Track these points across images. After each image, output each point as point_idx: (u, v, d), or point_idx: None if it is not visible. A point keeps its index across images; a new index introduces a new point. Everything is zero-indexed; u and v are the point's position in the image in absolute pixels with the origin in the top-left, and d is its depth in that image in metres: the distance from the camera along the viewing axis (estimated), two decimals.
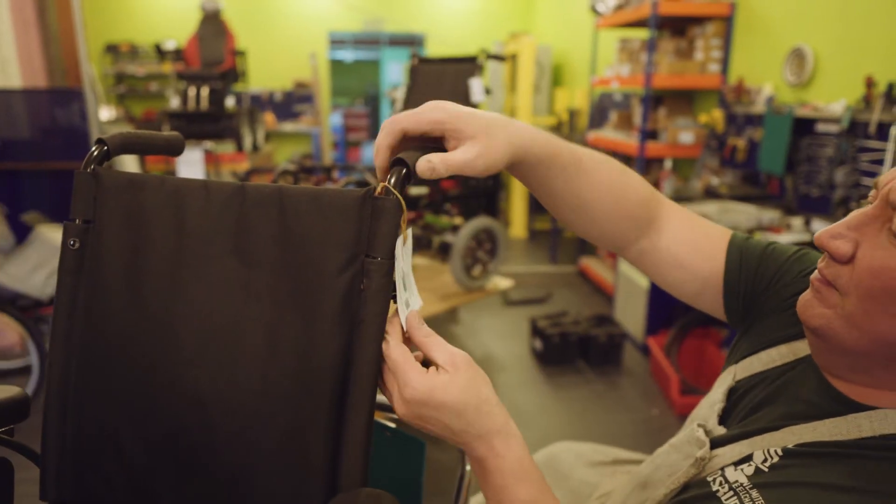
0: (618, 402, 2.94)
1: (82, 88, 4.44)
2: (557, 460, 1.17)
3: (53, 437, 0.75)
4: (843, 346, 0.60)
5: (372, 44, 9.47)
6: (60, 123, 4.47)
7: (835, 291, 0.60)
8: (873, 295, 0.56)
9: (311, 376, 0.64)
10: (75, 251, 0.75)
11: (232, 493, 0.68)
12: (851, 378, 0.63)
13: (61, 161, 4.45)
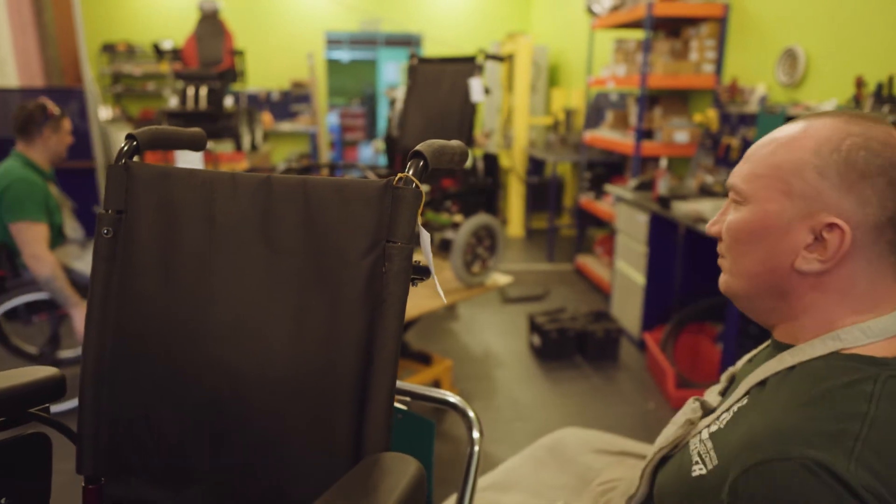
0: (615, 396, 2.99)
1: (83, 88, 4.47)
2: (563, 444, 1.22)
3: (89, 415, 0.80)
4: (738, 295, 0.78)
5: (368, 44, 9.52)
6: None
7: (723, 259, 0.80)
8: (731, 246, 0.77)
9: (336, 353, 0.69)
10: (108, 240, 0.80)
11: (263, 462, 0.73)
12: (774, 322, 0.78)
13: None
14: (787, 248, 0.71)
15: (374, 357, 0.67)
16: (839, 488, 0.56)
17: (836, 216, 0.68)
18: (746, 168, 0.75)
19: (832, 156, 0.68)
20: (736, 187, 0.76)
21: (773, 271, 0.72)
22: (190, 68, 5.61)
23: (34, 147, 2.60)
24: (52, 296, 2.49)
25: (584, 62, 5.74)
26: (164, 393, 0.77)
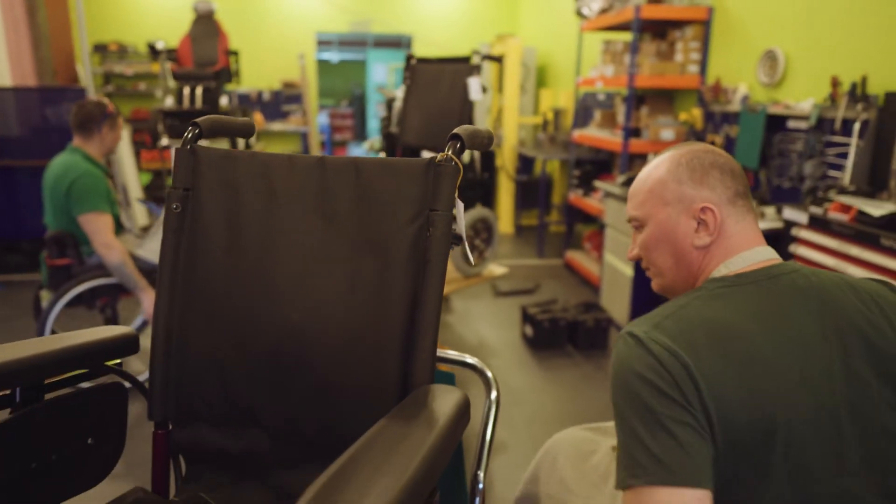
0: (605, 382, 3.12)
1: (84, 88, 4.53)
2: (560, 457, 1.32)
3: (160, 368, 0.91)
4: (667, 286, 1.03)
5: (358, 45, 9.60)
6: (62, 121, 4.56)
7: (649, 270, 1.05)
8: (649, 256, 1.02)
9: (386, 307, 0.81)
10: (178, 213, 0.91)
11: (319, 404, 0.84)
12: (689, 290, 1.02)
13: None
14: (683, 236, 0.97)
15: (421, 308, 0.79)
16: (632, 342, 0.83)
17: (702, 202, 0.95)
18: (633, 203, 1.03)
19: (679, 168, 0.97)
20: (634, 216, 1.03)
21: (681, 256, 0.98)
22: (186, 68, 5.67)
23: (91, 143, 2.72)
24: (122, 281, 2.62)
25: (573, 63, 5.89)
26: (230, 347, 0.88)
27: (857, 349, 0.84)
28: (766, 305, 0.86)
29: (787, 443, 0.78)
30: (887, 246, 2.02)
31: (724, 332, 0.82)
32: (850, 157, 2.67)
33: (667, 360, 0.79)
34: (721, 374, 0.79)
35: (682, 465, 0.75)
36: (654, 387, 0.78)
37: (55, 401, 0.81)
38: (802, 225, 2.44)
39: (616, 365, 0.84)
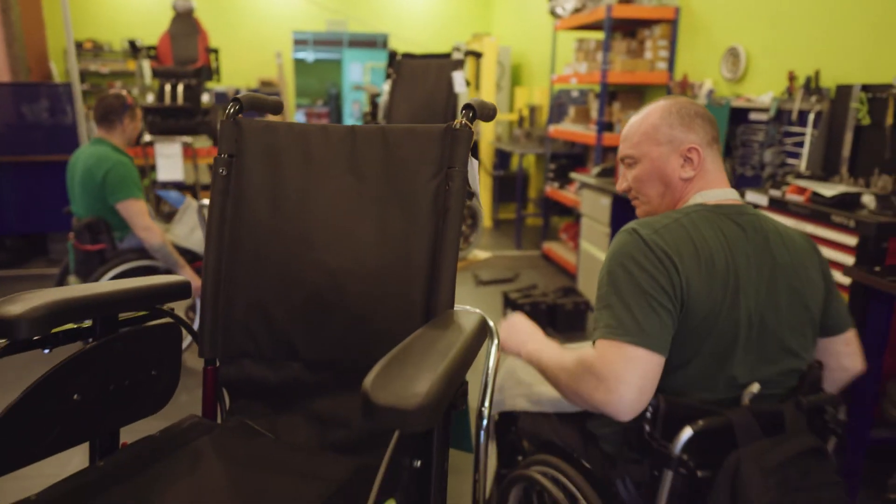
0: None
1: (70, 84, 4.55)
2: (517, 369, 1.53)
3: (209, 312, 1.04)
4: (651, 210, 1.26)
5: (334, 44, 9.69)
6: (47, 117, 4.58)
7: (637, 199, 1.28)
8: (641, 188, 1.25)
9: (412, 250, 0.96)
10: (224, 177, 1.04)
11: (353, 336, 0.98)
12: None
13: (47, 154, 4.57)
14: (672, 171, 1.21)
15: (441, 249, 0.94)
16: (637, 237, 1.08)
17: (689, 144, 1.19)
18: (628, 144, 1.26)
19: (670, 116, 1.20)
20: (629, 155, 1.26)
21: (668, 186, 1.22)
22: (166, 65, 5.72)
23: (114, 133, 2.85)
24: (164, 261, 2.76)
25: (547, 61, 6.09)
26: (274, 290, 1.01)
27: (779, 280, 1.12)
28: (733, 234, 1.11)
29: (718, 334, 1.06)
30: (837, 222, 2.23)
31: (702, 247, 1.08)
32: (806, 145, 2.89)
33: (662, 258, 1.05)
34: (696, 278, 1.05)
35: (657, 336, 1.02)
36: (649, 274, 1.05)
37: (126, 334, 0.94)
38: (763, 207, 2.64)
39: (619, 249, 1.09)
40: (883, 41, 2.61)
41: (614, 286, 1.07)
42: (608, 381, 1.00)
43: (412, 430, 0.60)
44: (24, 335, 0.77)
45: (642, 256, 1.06)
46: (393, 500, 0.67)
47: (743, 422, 1.02)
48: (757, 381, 1.09)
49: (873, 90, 2.57)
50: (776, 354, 1.12)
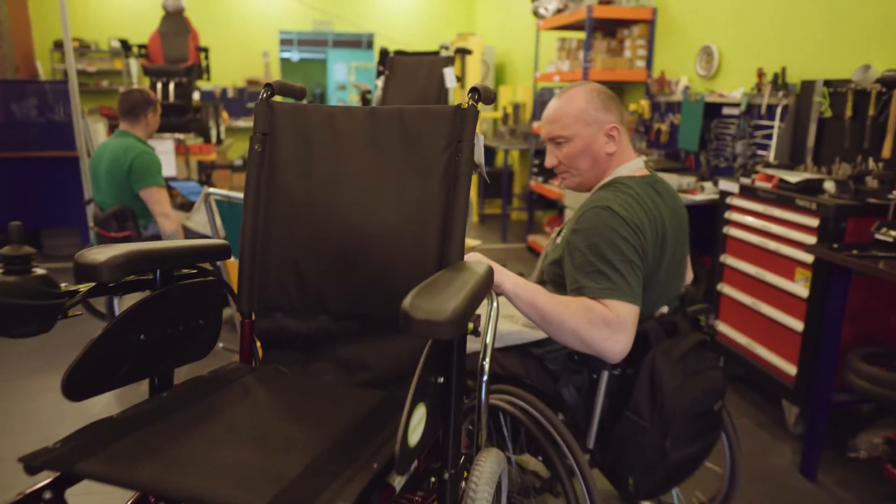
0: None
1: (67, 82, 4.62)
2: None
3: (247, 271, 1.19)
4: (582, 184, 1.51)
5: (318, 44, 9.79)
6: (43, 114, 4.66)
7: (567, 173, 1.51)
8: (572, 164, 1.48)
9: (427, 211, 1.11)
10: (259, 152, 1.19)
11: (376, 289, 1.14)
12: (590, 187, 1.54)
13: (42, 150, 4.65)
14: (599, 147, 1.45)
15: (452, 210, 1.09)
16: (613, 212, 1.31)
17: (610, 124, 1.44)
18: (558, 125, 1.45)
19: (593, 99, 1.43)
20: (561, 135, 1.46)
21: (596, 161, 1.47)
22: (157, 64, 5.80)
23: (138, 126, 3.04)
24: None
25: (531, 60, 6.27)
26: (306, 250, 1.16)
27: (682, 228, 1.49)
28: (657, 199, 1.42)
29: (650, 276, 1.37)
30: (801, 206, 2.42)
31: (650, 214, 1.37)
32: (774, 137, 3.09)
33: (636, 229, 1.32)
34: (650, 239, 1.34)
35: (636, 291, 1.29)
36: (630, 244, 1.30)
37: (180, 286, 1.08)
38: (734, 194, 2.84)
39: (597, 222, 1.33)
40: (841, 40, 2.82)
41: (603, 255, 1.29)
42: (618, 333, 1.25)
43: (442, 338, 0.74)
44: (105, 279, 0.91)
45: (621, 227, 1.31)
46: (423, 404, 0.82)
47: (654, 330, 1.36)
48: (665, 304, 1.45)
49: (834, 85, 2.78)
50: (676, 283, 1.51)
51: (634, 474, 1.38)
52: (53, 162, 4.75)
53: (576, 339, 1.27)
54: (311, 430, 0.91)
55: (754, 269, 2.71)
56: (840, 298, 2.16)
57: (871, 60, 2.63)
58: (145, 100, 3.04)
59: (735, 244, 2.85)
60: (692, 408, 1.38)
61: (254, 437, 0.89)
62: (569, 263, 1.35)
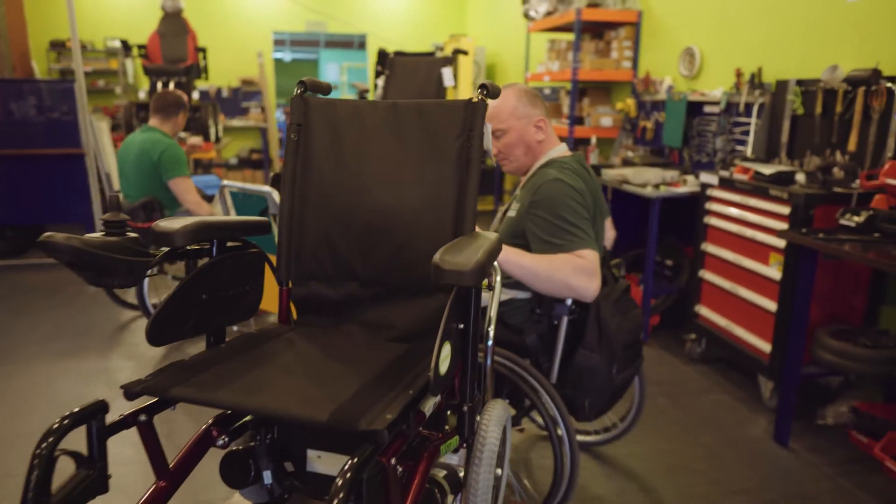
0: None
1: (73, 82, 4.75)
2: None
3: (285, 245, 1.36)
4: (519, 168, 1.87)
5: (310, 45, 9.93)
6: (49, 112, 4.77)
7: (506, 159, 1.85)
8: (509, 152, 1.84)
9: (443, 191, 1.29)
10: (294, 141, 1.36)
11: (399, 256, 1.31)
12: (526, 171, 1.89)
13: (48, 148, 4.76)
14: (530, 136, 1.78)
15: (465, 190, 1.27)
16: (565, 183, 1.65)
17: (538, 116, 1.77)
18: (497, 120, 1.77)
19: (522, 97, 1.76)
20: (498, 128, 1.78)
21: (528, 148, 1.80)
22: (157, 64, 5.93)
23: (168, 124, 3.29)
24: None
25: (521, 60, 6.47)
26: (337, 226, 1.33)
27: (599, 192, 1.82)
28: (588, 172, 1.79)
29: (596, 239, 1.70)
30: (774, 195, 2.63)
31: (588, 182, 1.74)
32: (751, 133, 3.30)
33: (584, 194, 1.68)
34: (591, 203, 1.70)
35: (595, 240, 1.64)
36: (580, 204, 1.65)
37: (231, 255, 1.24)
38: (714, 186, 3.04)
39: (554, 192, 1.63)
40: (812, 42, 3.03)
41: (566, 217, 1.62)
42: (593, 276, 1.60)
43: (467, 284, 0.91)
44: (178, 244, 1.08)
45: (575, 195, 1.65)
46: (448, 343, 1.00)
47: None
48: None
49: (806, 84, 2.99)
50: (601, 241, 1.82)
51: (589, 398, 1.73)
52: (57, 159, 4.87)
53: (565, 286, 1.59)
54: (353, 369, 1.09)
55: (732, 256, 2.91)
56: (808, 279, 2.37)
57: (839, 61, 2.84)
58: (180, 102, 3.32)
59: (715, 233, 3.05)
60: (627, 339, 1.73)
61: (306, 374, 1.06)
62: (536, 230, 1.66)
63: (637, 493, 2.14)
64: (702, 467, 2.31)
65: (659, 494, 2.15)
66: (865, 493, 2.16)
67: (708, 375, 3.08)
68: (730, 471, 2.29)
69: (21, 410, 2.64)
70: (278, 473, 1.19)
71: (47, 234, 1.01)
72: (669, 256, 3.78)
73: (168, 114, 3.31)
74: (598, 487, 2.18)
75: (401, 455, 0.97)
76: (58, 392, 2.79)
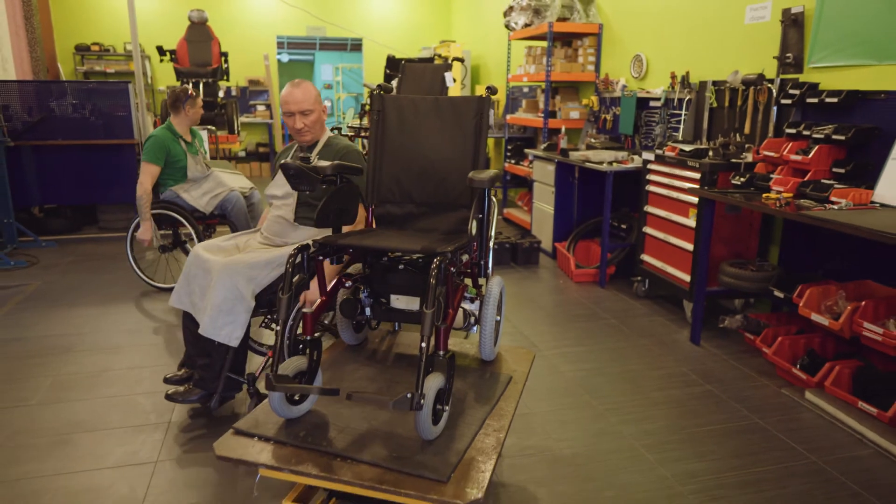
0: (538, 281, 4.64)
1: (128, 83, 5.58)
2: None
3: (371, 182, 2.30)
4: (314, 136, 2.66)
5: (307, 46, 10.78)
6: (106, 109, 5.61)
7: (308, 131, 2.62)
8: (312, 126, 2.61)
9: (465, 150, 2.23)
10: (376, 122, 2.30)
11: (439, 188, 2.25)
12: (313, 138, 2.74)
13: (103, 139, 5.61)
14: (322, 115, 2.62)
15: (478, 151, 2.20)
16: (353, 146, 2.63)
17: (324, 101, 2.91)
18: (306, 103, 2.51)
19: (315, 88, 2.57)
20: (308, 108, 2.52)
21: (321, 125, 2.64)
22: (186, 67, 6.78)
23: (179, 117, 3.99)
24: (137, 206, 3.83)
25: (503, 64, 7.43)
26: (402, 170, 2.25)
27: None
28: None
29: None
30: (691, 166, 3.61)
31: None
32: (682, 122, 4.30)
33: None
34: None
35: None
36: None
37: (345, 183, 2.16)
38: (652, 161, 4.03)
39: (351, 149, 2.57)
40: (722, 52, 4.03)
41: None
42: None
43: (490, 186, 1.84)
44: (329, 172, 1.99)
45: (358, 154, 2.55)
46: (475, 221, 1.94)
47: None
48: None
49: (718, 84, 3.99)
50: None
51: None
52: (111, 148, 5.72)
53: None
54: (421, 237, 2.02)
55: (664, 213, 3.89)
56: (709, 223, 3.35)
57: (739, 67, 3.84)
58: (185, 95, 3.95)
59: (653, 197, 4.03)
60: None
61: (399, 237, 1.99)
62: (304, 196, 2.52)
63: (593, 373, 3.11)
64: (637, 356, 3.29)
65: (607, 371, 3.12)
66: (747, 368, 3.15)
67: (649, 306, 4.07)
68: (656, 358, 3.27)
69: (122, 328, 3.54)
70: (374, 309, 2.12)
71: (283, 161, 1.93)
72: (624, 221, 4.76)
73: (176, 108, 3.96)
74: (566, 369, 3.14)
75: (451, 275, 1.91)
76: (149, 310, 3.69)
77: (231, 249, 2.62)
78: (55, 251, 5.28)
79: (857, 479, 2.23)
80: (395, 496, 1.57)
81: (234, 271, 2.36)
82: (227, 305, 2.35)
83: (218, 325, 2.35)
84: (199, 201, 3.98)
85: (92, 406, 2.68)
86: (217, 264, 2.40)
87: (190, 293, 2.50)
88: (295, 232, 2.63)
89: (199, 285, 2.47)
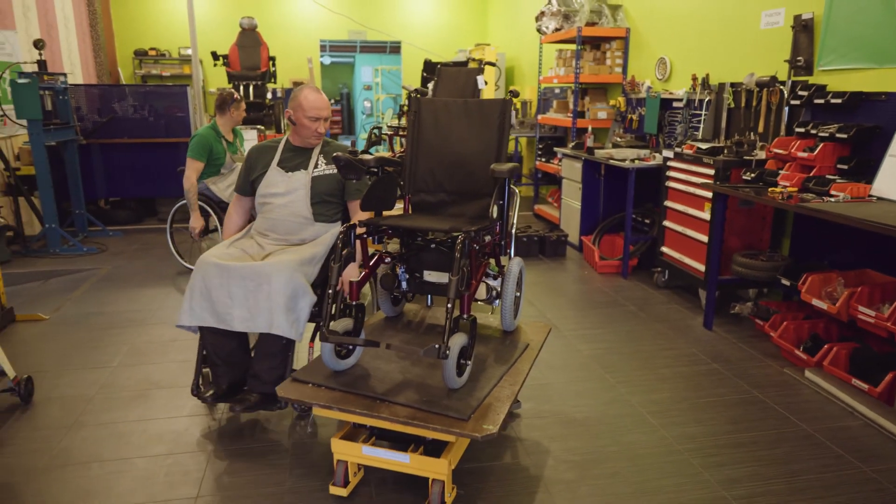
0: (564, 271, 4.92)
1: (187, 87, 6.06)
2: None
3: (408, 174, 2.64)
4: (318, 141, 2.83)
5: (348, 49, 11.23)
6: (166, 110, 6.10)
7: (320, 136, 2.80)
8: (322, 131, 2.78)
9: (489, 145, 2.55)
10: (413, 121, 2.64)
11: (468, 180, 2.57)
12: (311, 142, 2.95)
13: (162, 138, 6.10)
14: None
15: (501, 145, 2.51)
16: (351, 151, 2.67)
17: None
18: (327, 111, 2.70)
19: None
20: (328, 116, 2.71)
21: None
22: (237, 70, 7.25)
23: (223, 118, 4.39)
24: (186, 198, 4.25)
25: (535, 66, 7.70)
26: (436, 163, 2.58)
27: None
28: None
29: None
30: (706, 163, 3.85)
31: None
32: (702, 121, 4.52)
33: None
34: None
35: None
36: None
37: (389, 173, 2.50)
38: (672, 158, 4.27)
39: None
40: (739, 55, 4.25)
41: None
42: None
43: (509, 176, 2.15)
44: (373, 165, 2.33)
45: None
46: (496, 206, 2.26)
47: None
48: None
49: (735, 86, 4.21)
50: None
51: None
52: (169, 146, 6.21)
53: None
54: (454, 219, 2.35)
55: (683, 207, 4.14)
56: (722, 215, 3.59)
57: (754, 70, 4.06)
58: (231, 98, 4.32)
59: (672, 192, 4.28)
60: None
61: (430, 220, 2.32)
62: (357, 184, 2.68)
63: (609, 351, 3.39)
64: (651, 338, 3.56)
65: (622, 350, 3.40)
66: (754, 351, 3.38)
67: (667, 295, 4.31)
68: (669, 340, 3.53)
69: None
70: (410, 282, 2.46)
71: (335, 153, 2.29)
72: (647, 216, 5.00)
73: (222, 109, 4.33)
74: (583, 348, 3.44)
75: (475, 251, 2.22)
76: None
77: (241, 256, 2.57)
78: (121, 240, 5.79)
79: (843, 445, 2.47)
80: (424, 430, 1.90)
81: (292, 270, 2.40)
82: (292, 303, 2.38)
83: (290, 321, 2.37)
84: (224, 193, 4.39)
85: (165, 368, 3.09)
86: (268, 266, 2.39)
87: (213, 303, 2.41)
88: (311, 227, 2.69)
89: (230, 293, 2.39)
